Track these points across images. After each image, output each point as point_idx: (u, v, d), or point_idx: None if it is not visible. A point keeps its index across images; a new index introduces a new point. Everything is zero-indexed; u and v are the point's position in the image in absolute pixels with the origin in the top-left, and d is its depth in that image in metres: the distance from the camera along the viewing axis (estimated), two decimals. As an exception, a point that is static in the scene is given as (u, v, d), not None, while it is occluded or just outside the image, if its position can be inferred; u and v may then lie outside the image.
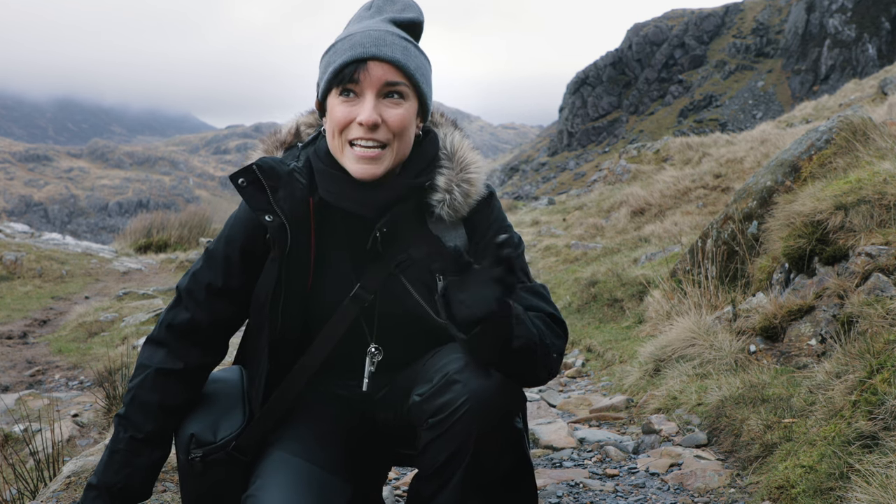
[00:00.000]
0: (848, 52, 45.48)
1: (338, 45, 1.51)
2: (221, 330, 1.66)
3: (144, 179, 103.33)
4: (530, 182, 54.32)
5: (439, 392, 1.46)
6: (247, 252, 1.60)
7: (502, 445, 1.52)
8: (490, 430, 1.46)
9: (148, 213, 16.97)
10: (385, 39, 1.49)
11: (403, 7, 1.59)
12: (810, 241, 3.46)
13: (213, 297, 1.62)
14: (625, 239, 9.56)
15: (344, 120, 1.49)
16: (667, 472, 2.65)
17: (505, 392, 1.47)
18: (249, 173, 1.56)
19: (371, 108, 1.47)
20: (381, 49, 1.48)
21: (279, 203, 1.55)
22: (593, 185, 18.30)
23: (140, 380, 1.62)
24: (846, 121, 4.58)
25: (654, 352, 3.93)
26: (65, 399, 5.04)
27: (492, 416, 1.45)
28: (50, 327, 8.04)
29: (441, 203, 1.57)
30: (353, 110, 1.49)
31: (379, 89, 1.48)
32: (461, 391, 1.44)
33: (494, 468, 1.53)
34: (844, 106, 15.97)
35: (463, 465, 1.46)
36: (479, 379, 1.45)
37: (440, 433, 1.46)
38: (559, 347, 1.52)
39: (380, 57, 1.47)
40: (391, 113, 1.49)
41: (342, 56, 1.48)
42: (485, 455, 1.48)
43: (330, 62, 1.51)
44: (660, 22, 62.01)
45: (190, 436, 1.59)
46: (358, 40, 1.49)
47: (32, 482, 2.66)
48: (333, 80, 1.50)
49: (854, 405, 2.17)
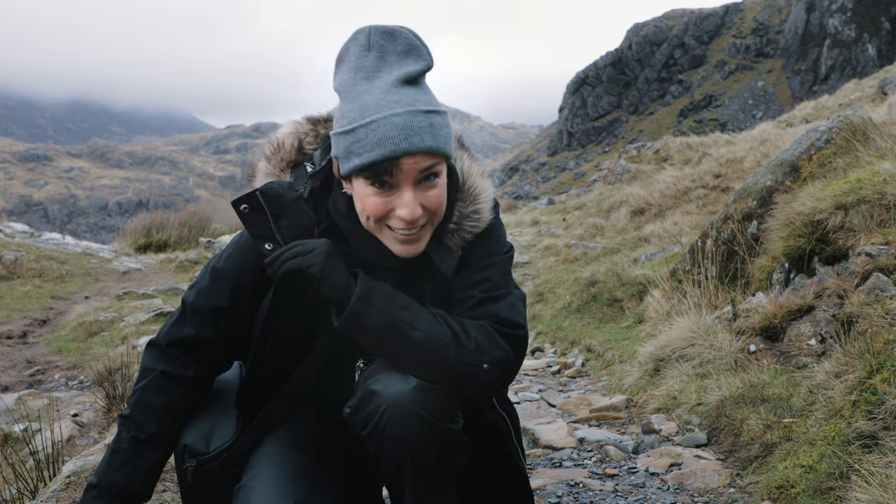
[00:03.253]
0: (848, 52, 45.49)
1: (360, 133, 1.38)
2: (226, 345, 1.67)
3: (144, 179, 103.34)
4: (530, 182, 54.32)
5: (362, 404, 1.45)
6: (257, 279, 1.58)
7: (439, 447, 1.46)
8: (417, 435, 1.42)
9: (148, 213, 16.97)
10: (412, 127, 1.37)
11: (407, 49, 1.44)
12: (810, 240, 3.46)
13: (219, 317, 1.61)
14: (625, 239, 9.56)
15: (382, 212, 1.42)
16: (666, 471, 2.65)
17: (424, 397, 1.42)
18: (252, 200, 1.51)
19: (412, 202, 1.40)
20: (412, 141, 1.37)
21: (281, 231, 1.51)
22: (593, 185, 18.31)
23: (145, 382, 1.63)
24: (846, 121, 4.58)
25: (653, 351, 3.93)
26: (64, 399, 5.04)
27: (413, 423, 1.41)
28: (50, 327, 8.03)
29: (450, 233, 1.55)
30: (390, 201, 1.41)
31: (415, 179, 1.40)
32: (380, 401, 1.42)
33: (444, 467, 1.49)
34: (844, 106, 15.97)
35: (408, 470, 1.45)
36: (396, 385, 1.42)
37: (376, 443, 1.45)
38: (493, 357, 1.45)
39: (412, 151, 1.37)
40: (429, 196, 1.43)
41: (370, 153, 1.37)
42: (425, 458, 1.45)
43: (354, 151, 1.39)
44: (660, 22, 62.03)
45: (183, 447, 1.62)
46: (385, 134, 1.36)
47: (32, 482, 2.65)
48: (363, 173, 1.40)
49: (854, 405, 2.17)
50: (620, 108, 58.46)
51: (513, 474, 1.70)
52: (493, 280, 1.54)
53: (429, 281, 1.56)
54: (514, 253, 1.65)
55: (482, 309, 1.51)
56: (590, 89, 60.82)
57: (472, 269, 1.56)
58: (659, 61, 58.85)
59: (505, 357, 1.47)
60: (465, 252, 1.57)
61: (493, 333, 1.47)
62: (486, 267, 1.56)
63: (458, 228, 1.55)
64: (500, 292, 1.53)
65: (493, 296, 1.53)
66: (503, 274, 1.57)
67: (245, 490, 1.53)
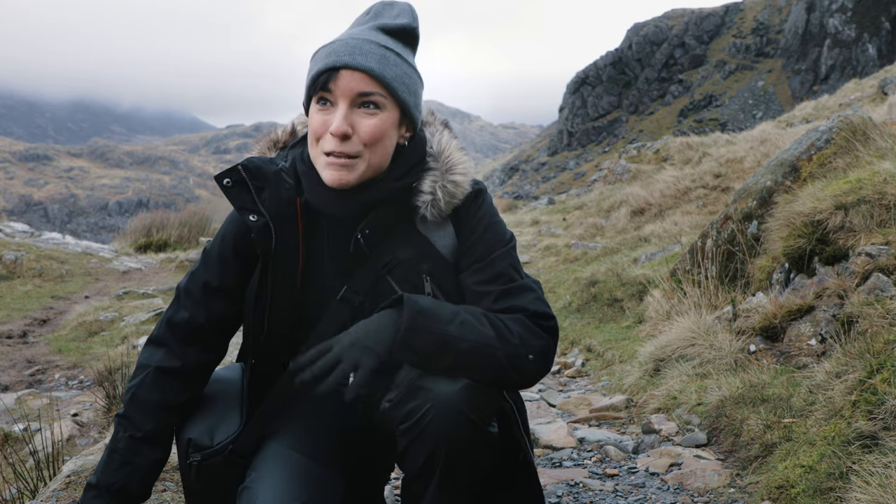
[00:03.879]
0: (848, 51, 45.48)
1: (318, 53, 1.50)
2: (219, 329, 1.66)
3: (144, 179, 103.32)
4: (530, 182, 54.32)
5: (406, 398, 1.46)
6: (240, 252, 1.61)
7: (475, 449, 1.48)
8: (458, 434, 1.43)
9: (148, 213, 16.96)
10: (361, 48, 1.46)
11: (398, 13, 1.55)
12: (810, 240, 3.46)
13: (209, 296, 1.63)
14: (625, 239, 9.56)
15: (318, 129, 1.48)
16: (666, 471, 2.65)
17: (471, 396, 1.44)
18: (235, 173, 1.56)
19: (341, 117, 1.45)
20: (355, 58, 1.45)
21: (264, 203, 1.55)
22: (593, 185, 18.31)
23: (140, 379, 1.63)
24: (846, 121, 4.58)
25: (653, 351, 3.93)
26: (64, 398, 5.04)
27: (458, 421, 1.43)
28: (50, 327, 8.03)
29: (425, 204, 1.56)
30: (328, 119, 1.47)
31: (352, 99, 1.46)
32: (426, 397, 1.43)
33: (473, 471, 1.51)
34: (844, 106, 15.97)
35: (438, 470, 1.45)
36: (444, 384, 1.43)
37: (412, 439, 1.45)
38: (535, 347, 1.49)
39: (352, 66, 1.44)
40: (364, 123, 1.46)
41: (318, 64, 1.47)
42: (459, 459, 1.46)
43: (310, 69, 1.50)
44: (660, 22, 62.02)
45: (188, 440, 1.61)
46: (334, 48, 1.47)
47: (32, 481, 2.65)
48: (310, 88, 1.49)
49: (854, 405, 2.17)
50: (620, 108, 58.45)
51: (523, 475, 1.69)
52: (508, 273, 1.56)
53: (426, 261, 1.57)
54: (516, 241, 1.67)
55: (507, 303, 1.53)
56: (590, 89, 60.81)
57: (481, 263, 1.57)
58: (659, 61, 58.84)
59: (545, 346, 1.51)
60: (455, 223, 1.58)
61: (530, 325, 1.51)
62: (497, 259, 1.57)
63: (434, 199, 1.56)
64: (517, 283, 1.56)
65: (511, 288, 1.54)
66: (514, 263, 1.59)
67: (249, 491, 1.52)
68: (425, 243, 1.58)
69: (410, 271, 1.56)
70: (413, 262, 1.57)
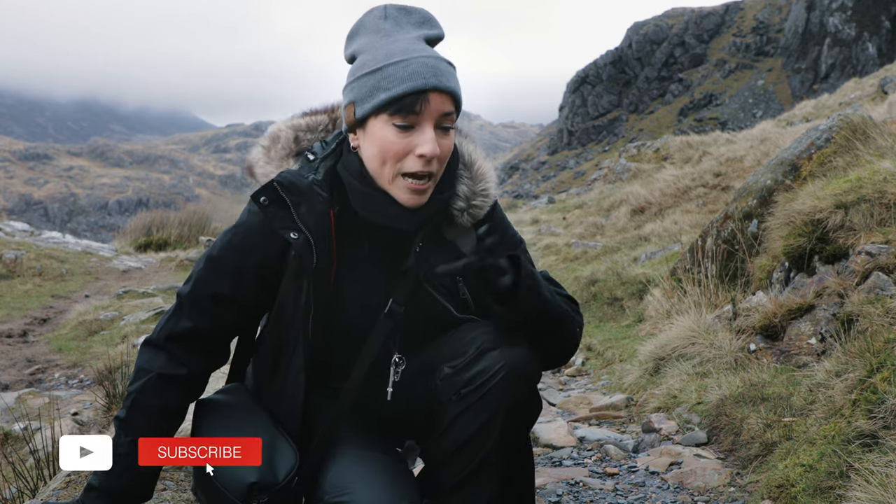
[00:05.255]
0: (848, 50, 45.45)
1: (389, 70, 1.43)
2: (224, 336, 1.64)
3: (144, 178, 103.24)
4: (530, 181, 54.31)
5: (473, 362, 1.50)
6: (263, 266, 1.56)
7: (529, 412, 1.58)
8: (520, 399, 1.51)
9: (148, 212, 16.97)
10: (441, 69, 1.45)
11: (422, 20, 1.52)
12: (810, 239, 3.46)
13: (219, 306, 1.58)
14: (625, 238, 9.56)
15: (402, 151, 1.45)
16: (666, 470, 2.65)
17: (536, 362, 1.54)
18: (271, 191, 1.51)
19: (433, 140, 1.44)
20: (441, 80, 1.43)
21: (302, 218, 1.50)
22: (593, 184, 18.30)
23: (141, 384, 1.58)
24: (846, 119, 4.58)
25: (653, 350, 3.93)
26: (64, 397, 5.04)
27: (524, 384, 1.52)
28: (50, 326, 8.03)
29: (462, 212, 1.59)
30: (411, 141, 1.45)
31: (437, 121, 1.45)
32: (498, 357, 1.48)
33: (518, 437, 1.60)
34: (844, 105, 15.95)
35: (493, 434, 1.50)
36: (515, 347, 1.50)
37: (471, 403, 1.49)
38: (581, 322, 1.65)
39: (440, 88, 1.43)
40: (444, 143, 1.48)
41: (401, 85, 1.42)
42: (514, 423, 1.53)
43: (381, 87, 1.43)
44: (660, 20, 61.97)
45: (250, 485, 1.50)
46: (416, 69, 1.42)
47: (32, 481, 2.65)
48: (389, 108, 1.43)
49: (854, 404, 2.17)
50: (620, 107, 58.41)
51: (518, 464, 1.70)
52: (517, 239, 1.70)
53: None
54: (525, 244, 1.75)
55: None
56: (590, 88, 60.77)
57: None
58: (659, 60, 58.80)
59: (583, 322, 1.69)
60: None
61: (572, 304, 1.67)
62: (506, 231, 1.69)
63: (468, 206, 1.60)
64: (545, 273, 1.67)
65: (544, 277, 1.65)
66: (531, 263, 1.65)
67: None
68: (455, 249, 1.61)
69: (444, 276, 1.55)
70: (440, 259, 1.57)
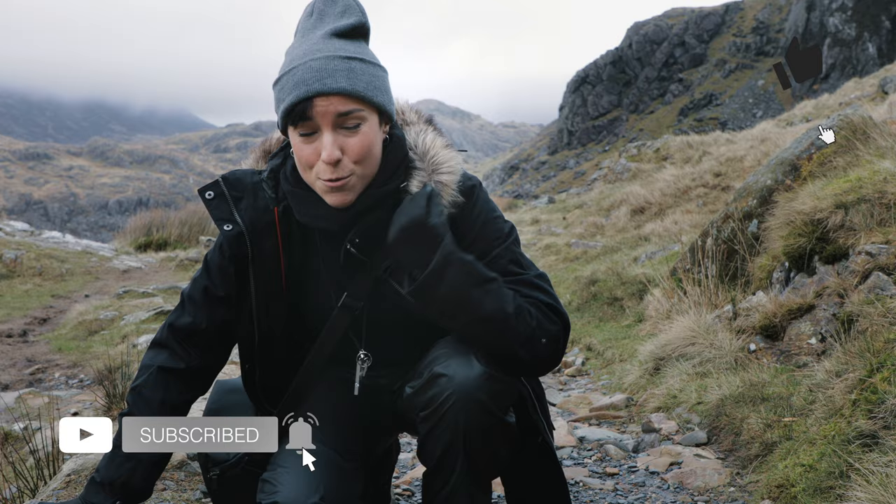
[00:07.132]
0: (848, 50, 45.44)
1: (283, 80, 1.46)
2: (221, 334, 1.70)
3: (144, 178, 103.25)
4: (530, 181, 54.32)
5: (427, 386, 1.49)
6: (232, 260, 1.63)
7: (493, 437, 1.51)
8: (477, 422, 1.46)
9: (148, 212, 16.98)
10: (327, 69, 1.42)
11: (343, 10, 1.50)
12: (810, 239, 3.45)
13: (210, 301, 1.67)
14: (625, 237, 9.56)
15: (310, 158, 1.46)
16: (666, 470, 2.65)
17: (490, 385, 1.46)
18: (216, 186, 1.61)
19: (330, 144, 1.43)
20: (325, 82, 1.41)
21: (240, 212, 1.58)
22: (593, 184, 18.30)
23: (143, 379, 1.67)
24: (846, 119, 4.57)
25: (653, 350, 3.93)
26: (65, 397, 5.04)
27: (479, 410, 1.46)
28: (50, 325, 8.03)
29: None
30: (316, 147, 1.45)
31: (334, 122, 1.44)
32: (446, 385, 1.46)
33: (491, 461, 1.54)
34: (844, 104, 15.95)
35: (459, 457, 1.48)
36: (464, 371, 1.46)
37: (432, 426, 1.49)
38: (550, 332, 1.51)
39: (324, 92, 1.41)
40: (350, 143, 1.45)
41: (289, 95, 1.43)
42: (477, 447, 1.48)
43: (279, 98, 1.47)
44: (660, 20, 61.96)
45: (205, 456, 1.69)
46: (300, 77, 1.42)
47: (32, 480, 2.65)
48: (288, 119, 1.46)
49: (854, 404, 2.16)
50: (621, 107, 58.41)
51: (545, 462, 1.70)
52: (510, 270, 1.57)
53: None
54: (517, 233, 1.66)
55: None
56: (590, 88, 60.76)
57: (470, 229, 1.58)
58: (659, 60, 58.79)
59: (558, 333, 1.53)
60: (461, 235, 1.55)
61: (548, 312, 1.53)
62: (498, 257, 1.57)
63: None
64: (526, 276, 1.57)
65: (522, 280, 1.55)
66: (516, 258, 1.59)
67: (269, 484, 1.52)
68: None
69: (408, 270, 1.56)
70: None
